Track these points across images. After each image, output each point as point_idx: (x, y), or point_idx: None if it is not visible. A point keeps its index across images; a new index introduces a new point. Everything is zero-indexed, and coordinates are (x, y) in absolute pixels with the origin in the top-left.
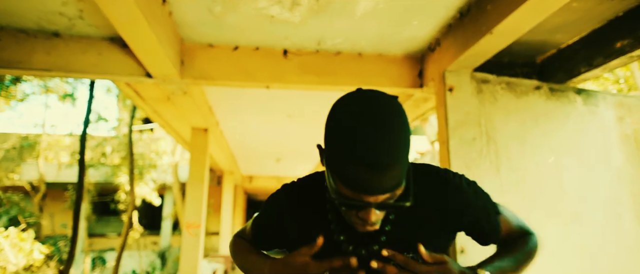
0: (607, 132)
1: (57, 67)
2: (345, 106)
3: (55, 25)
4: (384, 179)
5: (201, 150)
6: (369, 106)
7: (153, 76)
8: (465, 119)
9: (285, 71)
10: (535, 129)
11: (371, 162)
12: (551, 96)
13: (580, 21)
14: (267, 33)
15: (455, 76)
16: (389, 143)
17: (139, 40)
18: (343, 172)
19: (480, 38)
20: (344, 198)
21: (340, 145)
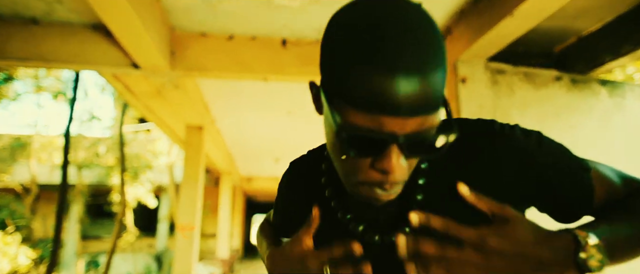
0: (636, 125)
1: (35, 56)
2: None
3: (33, 10)
4: (416, 93)
5: (196, 149)
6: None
7: (140, 66)
8: (479, 112)
9: (284, 62)
10: (557, 123)
11: (396, 64)
12: (573, 88)
13: (605, 6)
14: (265, 21)
15: (468, 66)
16: (420, 44)
17: (123, 26)
18: (354, 83)
19: (498, 21)
20: (353, 131)
21: (349, 48)
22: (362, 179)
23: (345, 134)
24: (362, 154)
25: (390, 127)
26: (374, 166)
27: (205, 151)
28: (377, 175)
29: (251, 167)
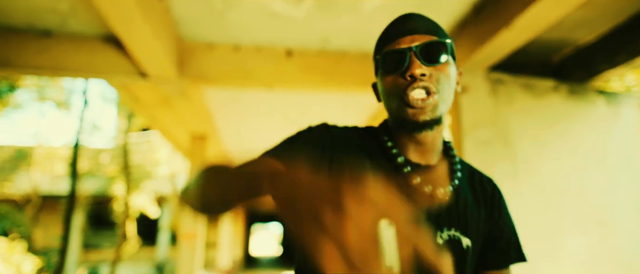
0: (631, 134)
1: (48, 66)
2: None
3: (46, 23)
4: (419, 22)
5: (200, 158)
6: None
7: (149, 75)
8: (480, 121)
9: (288, 72)
10: (555, 131)
11: (405, 15)
12: (571, 97)
13: (601, 17)
14: (270, 32)
15: (469, 76)
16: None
17: (134, 36)
18: (381, 38)
19: (496, 33)
20: (387, 62)
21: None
22: (402, 88)
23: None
24: (396, 69)
25: (406, 44)
26: (404, 75)
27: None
28: (407, 81)
29: None
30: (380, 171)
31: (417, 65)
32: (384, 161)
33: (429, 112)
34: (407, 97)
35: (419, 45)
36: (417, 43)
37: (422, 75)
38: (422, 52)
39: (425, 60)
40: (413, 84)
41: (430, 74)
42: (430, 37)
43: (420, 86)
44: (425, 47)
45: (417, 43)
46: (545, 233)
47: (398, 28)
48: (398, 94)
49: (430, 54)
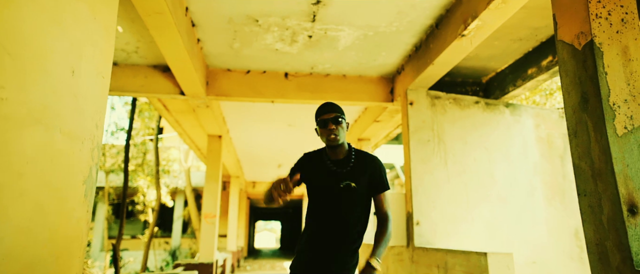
0: (527, 135)
1: (115, 88)
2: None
3: (116, 57)
4: (331, 108)
5: (216, 154)
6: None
7: (186, 93)
8: (422, 126)
9: (286, 89)
10: (474, 133)
11: (325, 105)
12: (487, 109)
13: (505, 54)
14: (273, 61)
15: (414, 93)
16: (331, 103)
17: (181, 68)
18: (318, 113)
19: (427, 66)
20: (320, 124)
21: (318, 110)
22: (326, 135)
23: (320, 127)
24: (325, 126)
25: (327, 116)
26: (328, 128)
27: (222, 155)
28: (328, 131)
29: (256, 173)
30: (323, 167)
31: (331, 125)
32: (325, 163)
33: (336, 141)
34: (328, 137)
35: (332, 117)
36: (332, 116)
37: (332, 128)
38: (333, 120)
39: (335, 123)
40: (330, 133)
41: (336, 127)
42: (337, 115)
43: (332, 133)
44: (334, 118)
45: (331, 116)
46: (464, 204)
47: (325, 109)
48: (326, 136)
49: (336, 120)
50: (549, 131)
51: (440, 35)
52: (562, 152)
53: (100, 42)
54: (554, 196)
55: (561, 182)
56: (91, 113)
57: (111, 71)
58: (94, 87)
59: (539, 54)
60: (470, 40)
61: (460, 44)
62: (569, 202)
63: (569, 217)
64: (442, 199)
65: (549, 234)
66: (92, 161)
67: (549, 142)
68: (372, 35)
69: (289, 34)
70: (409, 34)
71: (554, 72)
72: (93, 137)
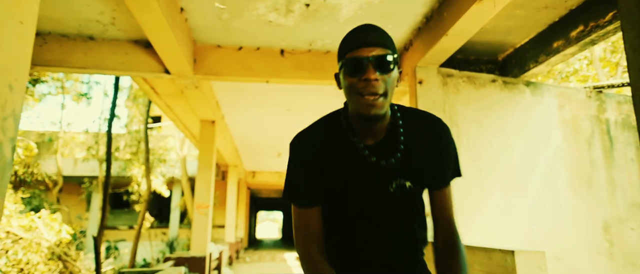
0: (550, 117)
1: (92, 65)
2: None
3: (92, 30)
4: (374, 35)
5: (209, 140)
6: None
7: (171, 72)
8: (432, 107)
9: (282, 68)
10: (491, 115)
11: (363, 28)
12: (504, 88)
13: (526, 25)
14: (267, 35)
15: (424, 71)
16: (373, 27)
17: (162, 42)
18: (346, 43)
19: (440, 38)
20: (349, 66)
21: (344, 38)
22: (359, 88)
23: (346, 62)
24: (355, 73)
25: (364, 54)
26: (361, 79)
27: (216, 142)
28: (363, 84)
29: (255, 162)
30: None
31: (372, 73)
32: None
33: (378, 109)
34: (362, 96)
35: (374, 57)
36: (373, 54)
37: (374, 80)
38: (376, 62)
39: (378, 69)
40: (368, 86)
41: (380, 79)
42: (382, 51)
43: (372, 89)
44: (379, 59)
45: (373, 54)
46: (479, 194)
47: (360, 38)
48: (356, 92)
49: (382, 65)
50: (574, 112)
51: (455, 1)
52: (590, 136)
53: None
54: (580, 185)
55: (588, 170)
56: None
57: (87, 47)
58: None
59: (567, 24)
60: (494, 2)
61: (480, 8)
62: (597, 191)
63: (597, 208)
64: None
65: (574, 227)
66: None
67: (575, 125)
68: (378, 3)
69: (283, 1)
70: (419, 3)
71: (585, 43)
72: (5, 103)
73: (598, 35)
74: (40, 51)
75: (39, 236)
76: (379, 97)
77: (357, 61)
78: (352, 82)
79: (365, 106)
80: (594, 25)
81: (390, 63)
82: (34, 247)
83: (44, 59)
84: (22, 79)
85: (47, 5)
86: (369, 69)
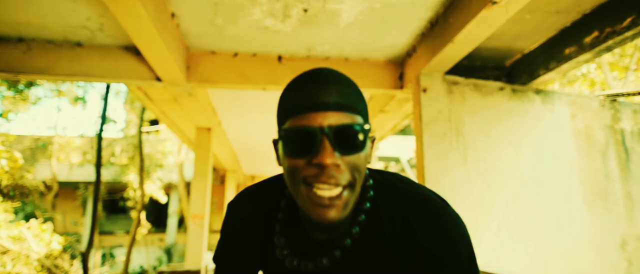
0: (561, 127)
1: (79, 73)
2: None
3: (79, 36)
4: (332, 89)
5: (205, 148)
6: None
7: (162, 79)
8: (437, 116)
9: (280, 75)
10: (499, 125)
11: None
12: (513, 96)
13: (536, 31)
14: (263, 41)
15: (428, 79)
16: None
17: (151, 49)
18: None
19: (445, 46)
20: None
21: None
22: (307, 177)
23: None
24: (300, 152)
25: (317, 121)
26: (311, 162)
27: (212, 150)
28: (315, 171)
29: (254, 166)
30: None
31: (329, 154)
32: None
33: (338, 211)
34: (313, 193)
35: (333, 127)
36: (332, 123)
37: (334, 166)
38: (336, 136)
39: (340, 147)
40: (322, 175)
41: (344, 163)
42: (348, 117)
43: (330, 180)
44: (341, 131)
45: (331, 122)
46: (487, 210)
47: (310, 96)
48: (303, 182)
49: (346, 140)
50: (587, 122)
51: (463, 6)
52: (604, 147)
53: None
54: (594, 199)
55: (603, 183)
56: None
57: (75, 54)
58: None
59: (580, 30)
60: (506, 7)
61: (490, 13)
62: (614, 206)
63: (614, 224)
64: (461, 204)
65: (588, 244)
66: None
67: (588, 136)
68: (380, 8)
69: (280, 7)
70: (424, 7)
71: (600, 50)
72: None
73: (614, 42)
74: (24, 58)
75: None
76: (339, 192)
77: (306, 134)
78: (296, 165)
79: (316, 207)
80: (610, 31)
81: (359, 135)
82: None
83: (29, 66)
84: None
85: (29, 10)
86: (325, 147)
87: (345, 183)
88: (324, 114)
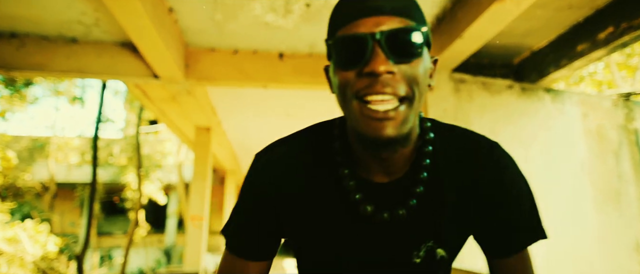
0: (572, 127)
1: (75, 69)
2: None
3: (74, 32)
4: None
5: (204, 148)
6: None
7: (160, 77)
8: (443, 115)
9: (281, 73)
10: (507, 124)
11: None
12: (522, 94)
13: (547, 27)
14: (264, 38)
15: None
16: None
17: (148, 45)
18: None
19: (453, 41)
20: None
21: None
22: (360, 90)
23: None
24: (353, 63)
25: (368, 28)
26: (363, 73)
27: (212, 150)
28: (367, 81)
29: None
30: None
31: (382, 61)
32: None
33: (396, 127)
34: (365, 104)
35: (385, 32)
36: (384, 28)
37: (388, 72)
38: (389, 42)
39: (394, 54)
40: (375, 85)
41: (400, 72)
42: (402, 22)
43: (384, 90)
44: (395, 35)
45: (383, 28)
46: None
47: (359, 3)
48: (355, 97)
49: (401, 46)
50: (599, 122)
51: (473, 1)
52: (617, 148)
53: None
54: (606, 201)
55: (616, 184)
56: None
57: (70, 50)
58: None
59: (594, 25)
60: (518, 1)
61: (502, 7)
62: (626, 208)
63: (627, 226)
64: None
65: (600, 247)
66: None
67: (600, 136)
68: None
69: (282, 2)
70: (430, 3)
71: (615, 46)
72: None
73: (631, 37)
74: (17, 54)
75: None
76: (396, 106)
77: (356, 41)
78: (346, 79)
79: (371, 121)
80: (626, 26)
81: (417, 43)
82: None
83: (23, 62)
84: None
85: (22, 4)
86: (377, 54)
87: (403, 94)
88: (376, 19)
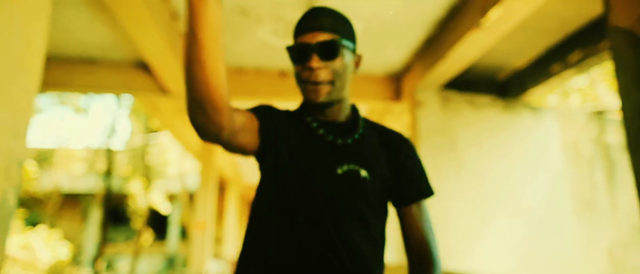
0: (551, 140)
1: (93, 86)
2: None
3: (93, 53)
4: (321, 19)
5: (210, 157)
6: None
7: (170, 92)
8: (432, 130)
9: (283, 90)
10: (491, 138)
11: (312, 11)
12: (504, 110)
13: (526, 48)
14: (267, 57)
15: (423, 93)
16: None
17: (161, 65)
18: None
19: (437, 62)
20: (294, 54)
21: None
22: (304, 77)
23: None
24: (299, 60)
25: (308, 40)
26: (305, 66)
27: (217, 161)
28: (307, 73)
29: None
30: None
31: (316, 60)
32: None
33: (323, 96)
34: (309, 89)
35: (319, 43)
36: (318, 40)
37: (318, 68)
38: (320, 48)
39: (323, 56)
40: (311, 75)
41: (326, 66)
42: (330, 36)
43: (317, 78)
44: (323, 45)
45: (317, 40)
46: (480, 219)
47: (306, 23)
48: (301, 81)
49: (327, 51)
50: (575, 136)
51: (453, 28)
52: (591, 159)
53: (21, 23)
54: (582, 209)
55: (591, 193)
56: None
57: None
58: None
59: (565, 49)
60: (489, 31)
61: (477, 36)
62: (601, 214)
63: (601, 232)
64: (455, 213)
65: (577, 251)
66: (6, 182)
67: (576, 148)
68: (377, 27)
69: (283, 26)
70: (419, 26)
71: (582, 68)
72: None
73: (595, 61)
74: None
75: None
76: (323, 85)
77: (301, 48)
78: (297, 70)
79: (310, 92)
80: (590, 52)
81: (337, 48)
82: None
83: (45, 81)
84: (25, 127)
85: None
86: (313, 56)
87: (327, 80)
88: (315, 34)
